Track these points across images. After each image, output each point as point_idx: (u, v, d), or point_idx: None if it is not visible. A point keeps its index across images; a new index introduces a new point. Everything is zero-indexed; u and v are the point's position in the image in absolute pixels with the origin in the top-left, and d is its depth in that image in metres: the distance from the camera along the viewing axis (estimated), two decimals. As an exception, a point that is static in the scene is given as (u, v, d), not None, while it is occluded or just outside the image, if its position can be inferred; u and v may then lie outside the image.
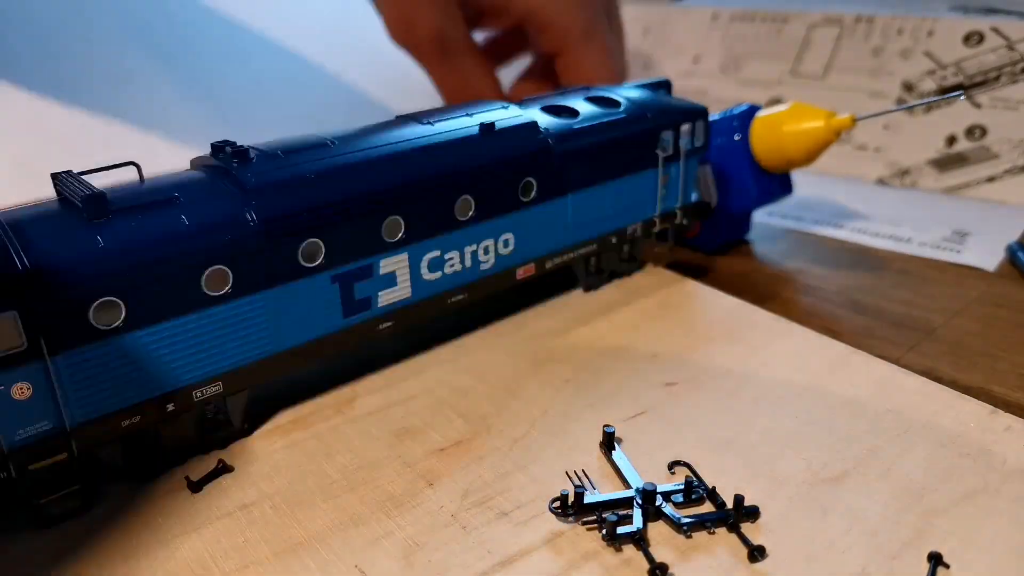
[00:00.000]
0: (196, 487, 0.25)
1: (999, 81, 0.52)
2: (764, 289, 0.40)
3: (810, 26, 0.63)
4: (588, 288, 0.38)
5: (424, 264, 0.30)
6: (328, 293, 0.28)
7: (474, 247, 0.32)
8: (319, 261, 0.27)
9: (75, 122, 0.56)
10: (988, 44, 0.54)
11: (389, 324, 0.30)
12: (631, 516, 0.23)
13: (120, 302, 0.23)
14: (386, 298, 0.30)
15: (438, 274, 0.31)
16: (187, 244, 0.24)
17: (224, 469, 0.26)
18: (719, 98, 0.66)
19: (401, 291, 0.30)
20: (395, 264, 0.29)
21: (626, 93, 0.38)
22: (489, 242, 0.32)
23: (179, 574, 0.22)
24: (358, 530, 0.23)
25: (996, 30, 0.53)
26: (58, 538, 0.24)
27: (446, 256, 0.31)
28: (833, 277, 0.41)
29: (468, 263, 0.32)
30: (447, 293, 0.32)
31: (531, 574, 0.22)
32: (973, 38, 0.54)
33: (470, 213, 0.31)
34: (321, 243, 0.27)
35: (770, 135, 0.40)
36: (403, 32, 0.49)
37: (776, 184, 0.42)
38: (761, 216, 0.49)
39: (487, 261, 0.32)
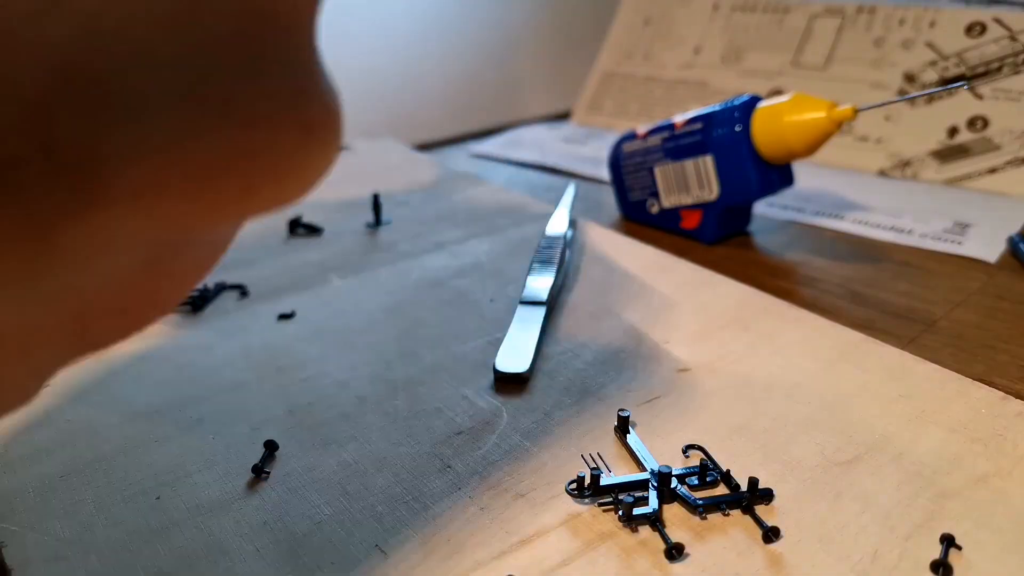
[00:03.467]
0: None
1: (1001, 72, 0.53)
2: (765, 281, 0.40)
3: (811, 16, 0.63)
4: None
5: None
6: None
7: None
8: None
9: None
10: (990, 35, 0.54)
11: None
12: (647, 498, 0.23)
13: None
14: None
15: None
16: None
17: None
18: (720, 89, 0.66)
19: None
20: None
21: None
22: None
23: (196, 554, 0.22)
24: (377, 513, 0.24)
25: (998, 20, 0.54)
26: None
27: None
28: (834, 269, 0.41)
29: None
30: None
31: (549, 553, 0.22)
32: (975, 28, 0.55)
33: None
34: None
35: (771, 126, 0.40)
36: None
37: (777, 175, 0.42)
38: (762, 208, 0.50)
39: None
